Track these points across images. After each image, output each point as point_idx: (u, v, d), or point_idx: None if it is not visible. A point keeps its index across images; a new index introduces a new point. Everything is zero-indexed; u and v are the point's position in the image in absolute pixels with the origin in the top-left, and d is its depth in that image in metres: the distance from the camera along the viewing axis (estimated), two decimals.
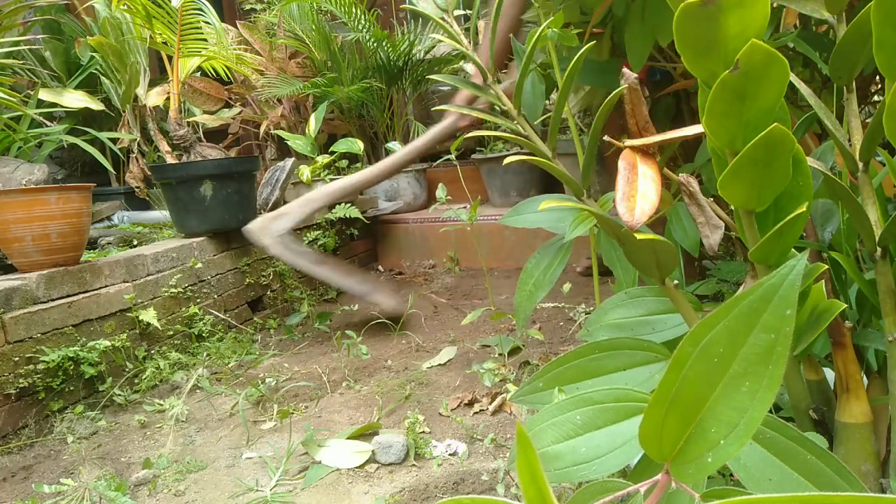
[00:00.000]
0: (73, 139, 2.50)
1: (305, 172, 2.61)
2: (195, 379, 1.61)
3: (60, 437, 1.40)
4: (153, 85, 2.68)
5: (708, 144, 0.68)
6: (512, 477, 1.08)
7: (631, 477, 0.67)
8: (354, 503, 1.08)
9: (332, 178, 2.64)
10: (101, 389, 1.57)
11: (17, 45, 2.56)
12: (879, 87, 1.37)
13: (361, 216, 2.65)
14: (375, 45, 2.96)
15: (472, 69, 0.98)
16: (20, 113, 2.38)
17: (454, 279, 2.67)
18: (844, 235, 0.82)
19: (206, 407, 1.53)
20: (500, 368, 1.54)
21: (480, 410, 1.38)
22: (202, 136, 2.90)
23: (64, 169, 3.34)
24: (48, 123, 2.57)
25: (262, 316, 2.21)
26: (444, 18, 1.05)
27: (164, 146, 2.40)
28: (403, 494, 1.08)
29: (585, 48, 0.83)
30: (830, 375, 0.77)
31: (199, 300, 1.94)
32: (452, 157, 1.72)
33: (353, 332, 1.86)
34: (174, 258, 1.89)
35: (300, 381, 1.62)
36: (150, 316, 1.71)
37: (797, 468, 0.57)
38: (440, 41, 1.33)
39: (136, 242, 2.14)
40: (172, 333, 1.83)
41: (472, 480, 1.10)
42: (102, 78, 2.83)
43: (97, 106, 2.51)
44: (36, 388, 1.44)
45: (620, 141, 0.73)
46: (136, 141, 2.83)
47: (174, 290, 1.84)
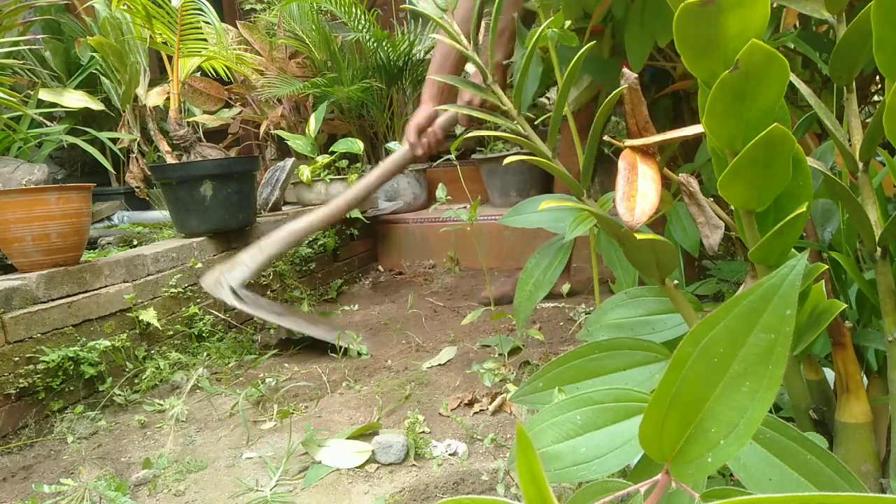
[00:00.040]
0: (73, 139, 2.50)
1: (305, 172, 2.61)
2: (195, 379, 1.61)
3: (60, 437, 1.40)
4: (153, 85, 2.68)
5: (708, 144, 0.68)
6: (512, 477, 1.08)
7: (631, 477, 0.67)
8: (354, 503, 1.08)
9: (332, 178, 2.64)
10: (101, 389, 1.57)
11: (17, 45, 2.56)
12: (879, 87, 1.37)
13: (361, 216, 2.65)
14: (375, 45, 2.96)
15: (472, 69, 0.98)
16: (20, 113, 2.38)
17: (454, 279, 2.67)
18: (844, 235, 0.82)
19: (206, 407, 1.53)
20: (500, 368, 1.54)
21: (480, 410, 1.38)
22: (202, 136, 2.90)
23: (64, 169, 3.34)
24: (48, 123, 2.57)
25: None
26: (444, 18, 1.05)
27: (164, 146, 2.40)
28: (403, 494, 1.08)
29: (585, 48, 0.83)
30: (830, 375, 0.77)
31: (199, 300, 1.94)
32: (452, 157, 1.72)
33: (353, 332, 1.86)
34: (174, 258, 1.89)
35: (300, 381, 1.62)
36: (150, 316, 1.71)
37: (797, 468, 0.57)
38: (440, 41, 1.33)
39: (136, 242, 2.14)
40: (172, 333, 1.83)
41: (472, 480, 1.10)
42: (102, 78, 2.83)
43: (97, 106, 2.51)
44: (36, 388, 1.44)
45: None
46: (136, 141, 2.83)
47: (174, 289, 1.84)
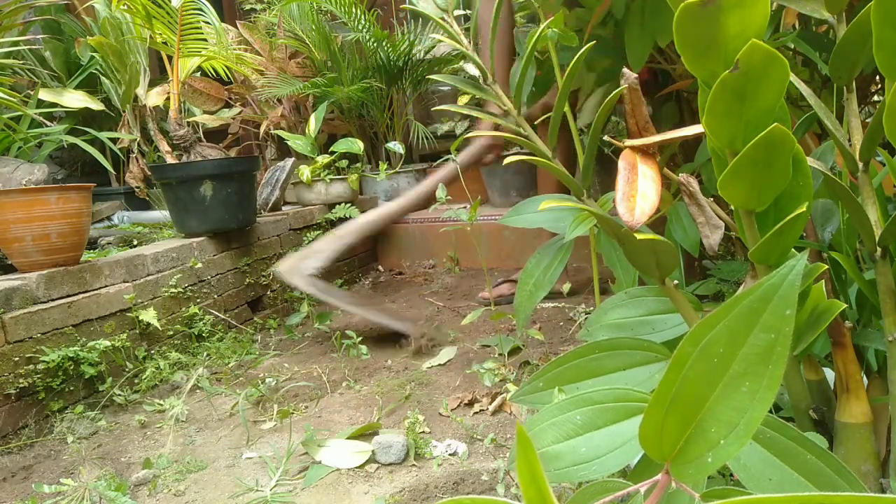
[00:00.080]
0: (73, 139, 2.50)
1: (305, 172, 2.61)
2: (195, 379, 1.61)
3: (60, 437, 1.40)
4: (153, 85, 2.68)
5: (708, 144, 0.68)
6: (512, 477, 1.08)
7: (631, 477, 0.67)
8: (354, 503, 1.08)
9: (331, 178, 2.64)
10: (101, 389, 1.57)
11: (17, 45, 2.56)
12: (879, 87, 1.37)
13: None
14: (375, 45, 2.96)
15: (472, 69, 0.98)
16: (20, 113, 2.38)
17: (454, 279, 2.67)
18: (844, 235, 0.82)
19: (206, 407, 1.53)
20: (500, 368, 1.54)
21: (480, 410, 1.38)
22: (202, 136, 2.90)
23: (64, 169, 3.34)
24: (48, 123, 2.57)
25: (262, 316, 2.21)
26: (444, 18, 1.05)
27: (164, 146, 2.40)
28: (403, 494, 1.08)
29: (585, 48, 0.84)
30: (830, 375, 0.77)
31: (199, 300, 1.94)
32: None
33: (351, 332, 1.86)
34: (174, 258, 1.89)
35: (300, 381, 1.62)
36: (150, 316, 1.71)
37: (797, 468, 0.57)
38: (440, 41, 1.33)
39: (136, 242, 2.14)
40: (172, 333, 1.83)
41: (472, 480, 1.10)
42: (102, 78, 2.83)
43: (97, 106, 2.51)
44: (36, 388, 1.44)
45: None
46: (136, 141, 2.83)
47: (174, 290, 1.84)
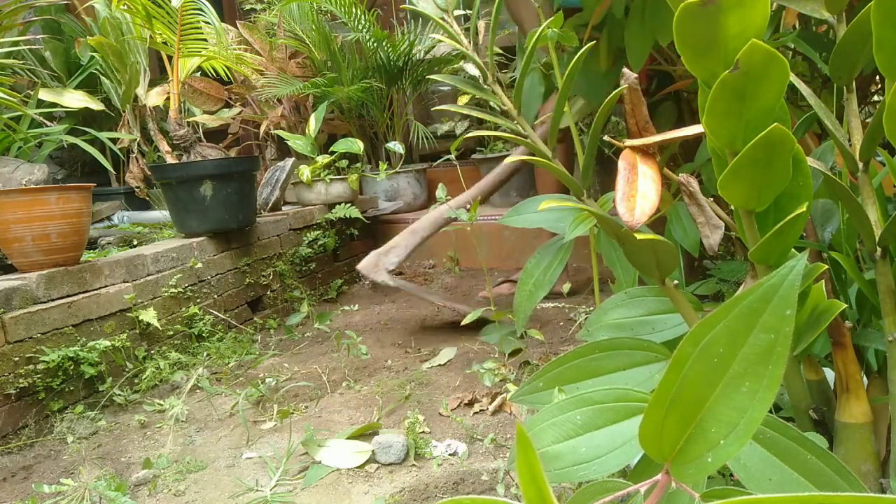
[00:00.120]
0: (73, 139, 2.50)
1: (305, 172, 2.61)
2: (195, 379, 1.61)
3: (60, 437, 1.40)
4: (153, 85, 2.68)
5: (708, 144, 0.68)
6: (512, 477, 1.08)
7: (631, 477, 0.67)
8: (354, 503, 1.08)
9: (331, 178, 2.64)
10: (101, 389, 1.57)
11: (17, 45, 2.56)
12: (879, 87, 1.37)
13: (361, 216, 2.65)
14: (375, 45, 2.96)
15: (472, 69, 0.98)
16: (20, 113, 2.38)
17: (454, 279, 2.67)
18: (844, 235, 0.82)
19: (206, 407, 1.53)
20: (500, 368, 1.54)
21: (480, 410, 1.38)
22: (202, 136, 2.90)
23: (64, 169, 3.34)
24: (48, 123, 2.57)
25: (262, 316, 2.21)
26: (444, 18, 1.05)
27: (164, 146, 2.40)
28: (403, 494, 1.08)
29: (585, 48, 0.84)
30: (830, 375, 0.77)
31: (199, 300, 1.94)
32: (452, 157, 1.72)
33: (351, 332, 1.86)
34: (174, 258, 1.89)
35: (300, 381, 1.62)
36: (150, 316, 1.71)
37: (797, 468, 0.57)
38: (440, 41, 1.33)
39: (136, 242, 2.14)
40: (172, 333, 1.83)
41: (472, 480, 1.10)
42: (102, 78, 2.83)
43: (97, 106, 2.51)
44: (36, 388, 1.44)
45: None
46: (136, 141, 2.83)
47: (174, 290, 1.84)
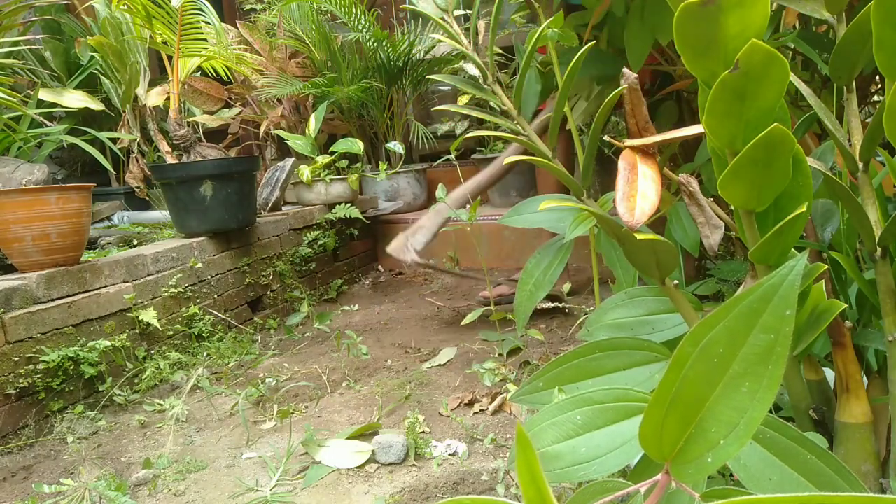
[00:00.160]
0: (73, 139, 2.50)
1: (305, 172, 2.61)
2: (195, 379, 1.61)
3: (60, 437, 1.40)
4: (153, 85, 2.68)
5: (708, 144, 0.68)
6: (512, 477, 1.08)
7: (631, 477, 0.67)
8: (354, 503, 1.08)
9: (331, 178, 2.64)
10: (101, 389, 1.57)
11: (17, 45, 2.56)
12: (879, 87, 1.37)
13: (361, 216, 2.65)
14: (375, 45, 2.96)
15: (472, 69, 0.98)
16: (20, 113, 2.38)
17: (454, 279, 2.67)
18: (844, 235, 0.82)
19: (206, 407, 1.53)
20: (500, 368, 1.54)
21: (480, 410, 1.38)
22: (202, 136, 2.90)
23: (64, 169, 3.34)
24: (48, 123, 2.57)
25: (262, 316, 2.21)
26: (444, 18, 1.05)
27: (164, 146, 2.40)
28: (403, 494, 1.08)
29: (585, 48, 0.83)
30: (830, 375, 0.77)
31: (199, 300, 1.94)
32: (452, 157, 1.72)
33: (352, 332, 1.86)
34: (174, 258, 1.89)
35: (300, 381, 1.62)
36: (150, 316, 1.71)
37: (797, 468, 0.57)
38: (440, 41, 1.33)
39: (136, 242, 2.14)
40: (172, 333, 1.83)
41: (472, 480, 1.10)
42: (102, 78, 2.83)
43: (97, 106, 2.51)
44: (36, 388, 1.44)
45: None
46: (136, 141, 2.83)
47: (174, 290, 1.84)
